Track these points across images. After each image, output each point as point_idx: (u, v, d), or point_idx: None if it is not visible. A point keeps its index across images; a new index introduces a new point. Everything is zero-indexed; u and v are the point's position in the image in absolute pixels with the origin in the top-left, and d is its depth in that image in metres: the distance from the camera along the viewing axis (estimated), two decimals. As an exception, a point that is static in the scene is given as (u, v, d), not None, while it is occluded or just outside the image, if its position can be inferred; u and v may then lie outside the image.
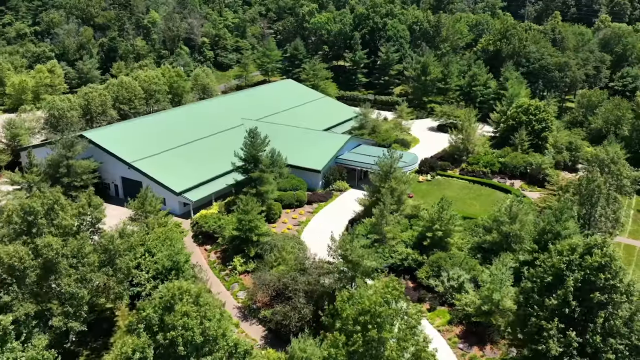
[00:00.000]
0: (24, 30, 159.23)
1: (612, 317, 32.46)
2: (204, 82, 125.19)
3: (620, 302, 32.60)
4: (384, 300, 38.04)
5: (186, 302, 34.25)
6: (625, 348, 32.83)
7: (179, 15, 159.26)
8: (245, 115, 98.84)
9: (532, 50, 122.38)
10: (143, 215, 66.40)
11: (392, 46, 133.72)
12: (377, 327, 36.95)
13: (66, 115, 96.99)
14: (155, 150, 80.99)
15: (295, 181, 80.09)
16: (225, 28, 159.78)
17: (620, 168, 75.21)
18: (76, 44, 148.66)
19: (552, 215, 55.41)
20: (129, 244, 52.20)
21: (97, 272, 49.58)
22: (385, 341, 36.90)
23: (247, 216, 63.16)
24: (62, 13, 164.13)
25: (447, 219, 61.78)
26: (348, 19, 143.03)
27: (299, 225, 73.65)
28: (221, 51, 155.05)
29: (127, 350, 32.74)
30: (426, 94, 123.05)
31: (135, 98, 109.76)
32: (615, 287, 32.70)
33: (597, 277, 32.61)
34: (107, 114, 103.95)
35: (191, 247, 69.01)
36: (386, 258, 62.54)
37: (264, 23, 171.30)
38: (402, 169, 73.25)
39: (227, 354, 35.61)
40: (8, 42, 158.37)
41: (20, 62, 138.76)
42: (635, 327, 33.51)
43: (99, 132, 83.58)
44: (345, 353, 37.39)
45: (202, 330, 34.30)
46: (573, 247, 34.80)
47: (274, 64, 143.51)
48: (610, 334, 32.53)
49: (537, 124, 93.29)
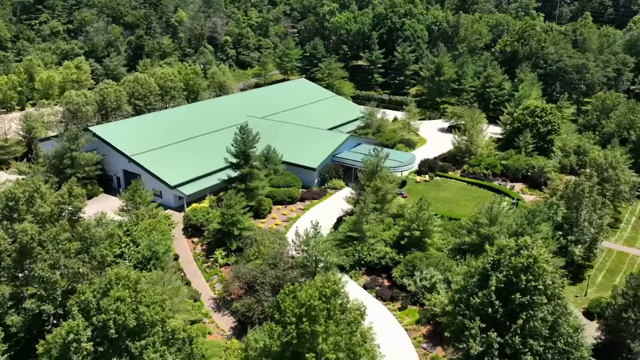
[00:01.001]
0: (57, 28, 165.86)
1: (532, 318, 32.27)
2: (220, 80, 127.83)
3: (540, 304, 32.35)
4: (322, 294, 38.77)
5: (122, 288, 35.89)
6: (548, 351, 32.57)
7: (203, 14, 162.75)
8: (253, 112, 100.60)
9: (550, 52, 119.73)
10: (134, 207, 68.95)
11: (409, 46, 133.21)
12: (311, 320, 37.73)
13: (81, 110, 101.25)
14: (155, 145, 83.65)
15: (290, 178, 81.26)
16: (248, 27, 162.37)
17: (618, 173, 73.17)
18: (105, 41, 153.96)
19: (524, 218, 54.74)
20: (105, 233, 54.36)
21: (73, 259, 51.99)
22: (319, 335, 37.58)
23: (229, 210, 64.73)
24: (94, 12, 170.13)
25: (425, 219, 61.74)
26: (367, 19, 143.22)
27: (287, 221, 74.81)
28: (243, 49, 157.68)
29: (61, 331, 34.62)
30: (440, 95, 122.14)
31: (151, 94, 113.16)
32: (537, 289, 32.45)
33: (519, 278, 32.48)
34: (122, 109, 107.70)
35: (180, 239, 71.31)
36: (364, 256, 63.11)
37: (287, 22, 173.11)
38: (388, 168, 73.38)
39: (163, 340, 37.05)
40: (43, 40, 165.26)
41: (51, 59, 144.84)
42: (562, 330, 33.20)
43: (104, 127, 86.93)
44: (279, 344, 38.34)
45: (136, 315, 35.87)
46: (501, 247, 34.69)
47: (292, 63, 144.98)
48: (530, 336, 32.34)
49: (542, 126, 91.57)
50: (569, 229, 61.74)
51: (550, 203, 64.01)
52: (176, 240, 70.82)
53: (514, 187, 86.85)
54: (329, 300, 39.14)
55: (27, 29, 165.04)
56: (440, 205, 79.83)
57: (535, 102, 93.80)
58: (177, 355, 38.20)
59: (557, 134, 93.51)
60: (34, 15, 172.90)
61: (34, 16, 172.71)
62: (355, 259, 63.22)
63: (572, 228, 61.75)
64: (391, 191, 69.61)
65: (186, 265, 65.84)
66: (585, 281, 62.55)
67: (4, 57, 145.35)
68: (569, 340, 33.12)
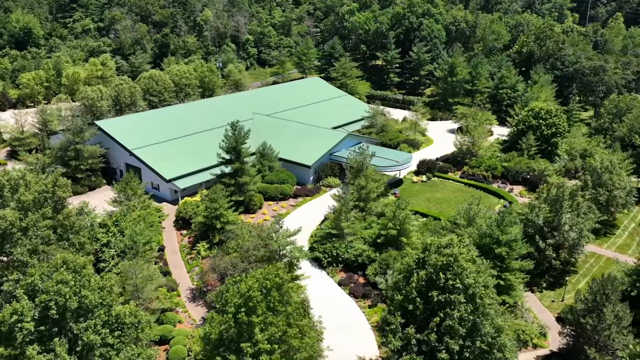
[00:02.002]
0: (89, 26, 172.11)
1: (448, 317, 32.41)
2: (236, 78, 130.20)
3: (459, 303, 32.44)
4: (262, 286, 39.84)
5: (64, 272, 37.86)
6: (466, 350, 32.65)
7: (227, 13, 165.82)
8: (260, 110, 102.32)
9: (568, 53, 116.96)
10: (126, 198, 71.56)
11: (425, 46, 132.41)
12: (248, 310, 38.88)
13: (96, 105, 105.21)
14: (157, 140, 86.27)
15: (284, 175, 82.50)
16: (270, 26, 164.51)
17: (613, 178, 71.32)
18: (131, 39, 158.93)
19: (494, 220, 54.36)
20: (84, 222, 56.86)
21: (53, 245, 54.65)
22: (255, 325, 38.66)
23: (213, 204, 66.48)
24: (124, 10, 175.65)
25: (402, 218, 61.89)
26: (385, 19, 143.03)
27: (275, 217, 75.92)
28: (264, 48, 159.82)
29: (6, 312, 36.84)
30: (453, 96, 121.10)
31: (165, 91, 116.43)
32: (456, 288, 32.55)
33: (439, 276, 32.68)
34: (136, 105, 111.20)
35: (170, 231, 73.60)
36: (342, 253, 63.84)
37: (310, 22, 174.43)
38: (377, 167, 73.70)
39: (106, 323, 38.85)
40: (75, 37, 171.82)
41: (79, 56, 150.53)
42: (483, 330, 33.22)
43: (109, 121, 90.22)
44: (217, 332, 39.66)
45: (79, 298, 37.79)
46: (426, 245, 34.92)
47: (311, 62, 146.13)
48: (448, 334, 32.49)
49: (546, 129, 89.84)
50: (549, 232, 60.79)
51: (533, 206, 63.14)
52: (167, 232, 73.21)
53: (513, 189, 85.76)
54: (270, 292, 40.22)
55: (60, 27, 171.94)
56: (432, 206, 79.69)
57: (540, 104, 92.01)
58: (123, 339, 39.95)
59: (562, 137, 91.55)
60: (69, 14, 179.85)
61: (68, 14, 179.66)
62: (333, 255, 64.09)
63: (552, 231, 60.77)
64: (375, 190, 69.87)
65: (171, 256, 68.00)
66: (565, 286, 61.51)
67: (35, 53, 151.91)
68: (490, 340, 33.08)
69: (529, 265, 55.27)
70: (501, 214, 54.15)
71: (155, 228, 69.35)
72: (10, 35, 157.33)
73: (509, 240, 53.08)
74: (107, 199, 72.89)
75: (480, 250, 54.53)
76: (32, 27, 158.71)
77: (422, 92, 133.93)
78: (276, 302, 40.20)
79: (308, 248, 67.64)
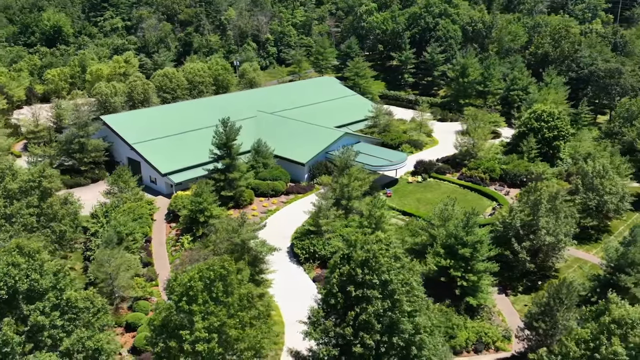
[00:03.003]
0: (117, 24, 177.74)
1: (364, 311, 32.89)
2: (250, 76, 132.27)
3: (374, 298, 32.88)
4: (205, 277, 41.14)
5: (16, 255, 40.03)
6: (382, 345, 33.09)
7: (249, 12, 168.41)
8: (266, 108, 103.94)
9: (583, 55, 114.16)
10: (119, 190, 74.26)
11: (439, 46, 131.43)
12: (189, 299, 40.27)
13: (109, 101, 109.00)
14: (157, 135, 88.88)
15: (277, 172, 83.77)
16: (291, 25, 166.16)
17: (604, 183, 69.64)
18: (156, 37, 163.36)
19: (461, 221, 54.18)
20: (67, 211, 59.52)
21: (36, 232, 57.48)
22: (195, 314, 40.01)
23: (197, 198, 68.38)
24: (151, 10, 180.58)
25: (377, 217, 62.20)
26: (402, 19, 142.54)
27: (265, 213, 77.50)
28: (284, 47, 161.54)
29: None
30: (465, 97, 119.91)
31: (179, 88, 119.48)
32: (373, 283, 33.00)
33: (356, 271, 33.23)
34: (150, 101, 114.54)
35: (161, 223, 75.92)
36: (318, 250, 64.74)
37: (331, 22, 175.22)
38: (362, 165, 74.13)
39: (56, 306, 40.87)
40: (105, 35, 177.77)
41: (104, 53, 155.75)
42: (402, 327, 33.57)
43: (114, 116, 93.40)
44: (161, 319, 41.19)
45: (29, 281, 39.93)
46: (351, 242, 35.43)
47: (327, 62, 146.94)
48: (363, 329, 32.99)
49: (548, 131, 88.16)
50: (525, 235, 60.05)
51: (510, 208, 62.49)
52: (157, 225, 75.55)
53: (509, 192, 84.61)
54: (213, 283, 41.48)
55: (90, 25, 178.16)
56: (422, 206, 79.54)
57: (542, 107, 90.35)
58: (75, 322, 41.92)
59: (565, 140, 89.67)
60: (100, 13, 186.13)
61: (99, 13, 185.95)
62: (310, 252, 65.03)
63: (529, 235, 60.00)
64: (358, 188, 70.29)
65: (157, 248, 70.21)
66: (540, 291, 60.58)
67: (64, 50, 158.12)
68: (407, 337, 33.39)
69: (494, 268, 54.83)
70: (467, 215, 53.89)
71: (145, 220, 71.69)
72: (41, 33, 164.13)
73: (474, 241, 52.79)
74: (101, 191, 75.77)
75: (446, 251, 54.87)
76: (62, 25, 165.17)
77: (435, 92, 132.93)
78: (220, 293, 41.42)
79: (290, 244, 68.85)
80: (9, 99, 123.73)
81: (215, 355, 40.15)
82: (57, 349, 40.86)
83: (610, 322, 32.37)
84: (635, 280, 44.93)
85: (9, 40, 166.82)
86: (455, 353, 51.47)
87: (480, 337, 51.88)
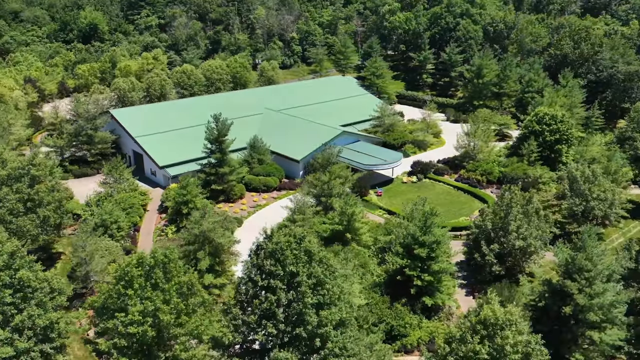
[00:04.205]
0: (151, 22, 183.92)
1: (267, 300, 33.98)
2: (268, 74, 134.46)
3: (277, 288, 33.89)
4: (142, 263, 43.14)
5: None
6: (286, 335, 34.06)
7: (276, 12, 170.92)
8: (275, 105, 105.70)
9: (604, 57, 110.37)
10: (114, 181, 77.60)
11: (457, 47, 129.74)
12: (125, 284, 42.34)
13: (127, 96, 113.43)
14: (161, 129, 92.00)
15: (271, 168, 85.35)
16: (317, 25, 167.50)
17: (592, 188, 67.62)
18: (185, 35, 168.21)
19: (418, 221, 54.18)
20: (53, 198, 62.89)
21: (22, 217, 61.07)
22: (131, 297, 42.03)
23: (181, 190, 70.76)
24: (184, 9, 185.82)
25: (349, 214, 62.79)
26: (424, 19, 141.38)
27: (254, 207, 79.26)
28: (309, 46, 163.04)
29: None
30: (480, 98, 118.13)
31: (196, 84, 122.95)
32: (277, 274, 33.96)
33: (264, 262, 34.35)
34: (167, 96, 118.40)
35: (153, 214, 78.83)
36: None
37: (358, 21, 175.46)
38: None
39: (5, 284, 43.75)
40: (140, 33, 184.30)
41: (135, 50, 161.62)
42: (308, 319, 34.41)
43: (122, 110, 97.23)
44: (101, 301, 43.49)
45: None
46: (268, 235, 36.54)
47: (348, 61, 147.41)
48: (266, 317, 34.10)
49: (549, 134, 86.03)
50: (495, 238, 59.28)
51: (482, 210, 61.76)
52: (149, 215, 78.50)
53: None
54: (152, 269, 43.40)
55: (126, 24, 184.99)
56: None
57: (545, 109, 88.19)
58: (27, 301, 44.73)
59: (568, 144, 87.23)
60: (137, 11, 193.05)
61: (137, 12, 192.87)
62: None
63: (499, 238, 59.22)
64: (338, 186, 70.89)
65: (145, 237, 73.01)
66: (508, 295, 59.60)
67: (98, 47, 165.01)
68: (312, 330, 34.18)
69: (450, 268, 54.50)
70: (425, 216, 53.78)
71: (135, 210, 74.64)
72: (78, 30, 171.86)
73: (431, 242, 52.68)
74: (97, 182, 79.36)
75: (404, 250, 55.03)
76: (98, 23, 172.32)
77: (453, 93, 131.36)
78: (159, 280, 43.30)
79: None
80: (40, 92, 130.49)
81: (148, 339, 42.07)
82: (9, 325, 43.77)
83: (477, 322, 32.07)
84: (579, 287, 43.85)
85: (50, 37, 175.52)
86: (407, 352, 51.69)
87: (433, 336, 51.75)
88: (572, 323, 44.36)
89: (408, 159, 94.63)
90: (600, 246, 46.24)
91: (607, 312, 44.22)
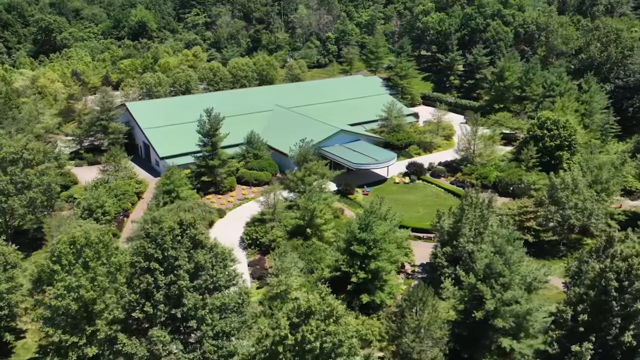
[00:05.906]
0: (198, 20, 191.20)
1: (144, 281, 36.26)
2: (295, 72, 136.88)
3: (154, 270, 36.09)
4: (73, 242, 46.54)
5: None
6: (162, 315, 36.22)
7: (316, 12, 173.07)
8: (288, 103, 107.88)
9: (633, 62, 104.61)
10: (114, 169, 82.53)
11: (485, 48, 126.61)
12: (54, 260, 45.87)
13: (152, 90, 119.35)
14: (170, 122, 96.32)
15: (265, 163, 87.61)
16: (354, 25, 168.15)
17: (570, 196, 65.05)
18: (227, 33, 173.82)
19: (359, 218, 54.59)
20: (41, 182, 68.10)
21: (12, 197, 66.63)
22: (59, 273, 45.51)
23: (166, 180, 74.38)
24: (230, 8, 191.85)
25: (311, 210, 63.98)
26: (456, 20, 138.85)
27: (241, 200, 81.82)
28: (344, 46, 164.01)
29: None
30: (501, 101, 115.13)
31: (221, 81, 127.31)
32: (156, 257, 36.10)
33: (146, 245, 36.71)
34: (192, 92, 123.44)
35: (146, 201, 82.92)
36: (260, 237, 67.89)
37: (397, 22, 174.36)
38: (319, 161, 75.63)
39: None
40: (188, 30, 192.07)
41: (179, 47, 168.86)
42: (185, 301, 36.33)
43: (136, 103, 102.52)
44: (36, 274, 47.33)
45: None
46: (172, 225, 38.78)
47: (378, 61, 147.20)
48: (145, 296, 36.41)
49: (549, 140, 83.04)
50: (449, 241, 58.62)
51: (439, 214, 61.15)
52: (143, 202, 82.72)
53: (497, 201, 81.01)
54: (83, 249, 46.73)
55: (174, 22, 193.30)
56: (398, 207, 78.59)
57: (548, 114, 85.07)
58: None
59: (571, 151, 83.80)
60: (188, 10, 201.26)
61: (188, 10, 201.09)
62: (253, 238, 68.36)
63: (452, 241, 58.52)
64: (313, 182, 71.99)
65: (133, 223, 77.10)
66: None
67: (145, 43, 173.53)
68: (187, 311, 36.09)
69: (387, 267, 54.39)
70: (366, 214, 54.09)
71: (128, 197, 79.07)
72: (129, 28, 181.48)
73: (369, 240, 52.98)
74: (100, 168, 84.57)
75: (346, 247, 55.65)
76: (147, 21, 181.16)
77: (478, 96, 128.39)
78: (89, 259, 46.57)
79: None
80: (84, 85, 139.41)
81: (72, 312, 45.32)
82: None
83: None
84: (493, 292, 42.86)
85: (105, 33, 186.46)
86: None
87: (362, 334, 52.00)
88: (482, 328, 43.55)
89: (412, 160, 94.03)
90: (518, 252, 44.90)
91: (522, 321, 43.09)
